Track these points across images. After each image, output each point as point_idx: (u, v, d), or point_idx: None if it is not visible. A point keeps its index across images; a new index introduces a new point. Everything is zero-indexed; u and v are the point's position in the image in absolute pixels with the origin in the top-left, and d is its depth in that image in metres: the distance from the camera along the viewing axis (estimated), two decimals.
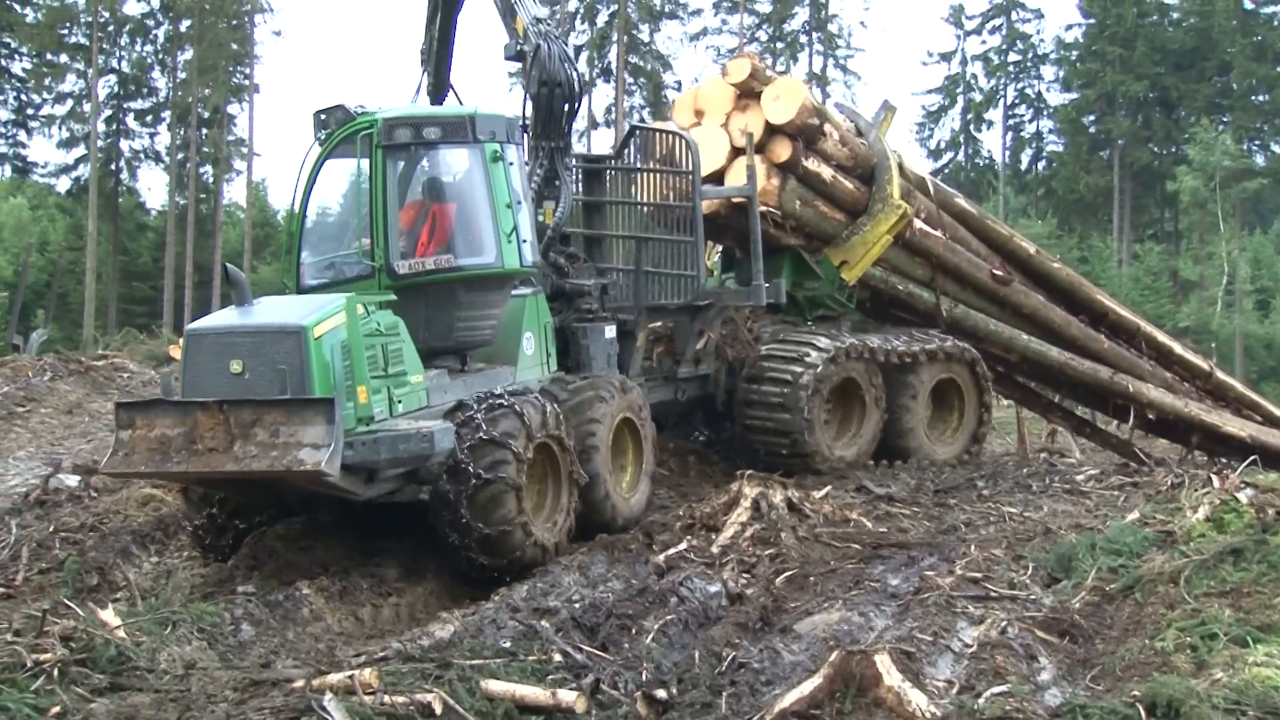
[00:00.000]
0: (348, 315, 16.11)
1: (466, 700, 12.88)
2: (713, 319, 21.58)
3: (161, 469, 15.78)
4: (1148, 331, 27.64)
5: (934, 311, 23.74)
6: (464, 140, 18.26)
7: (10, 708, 12.82)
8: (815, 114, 22.24)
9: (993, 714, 12.21)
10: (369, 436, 15.77)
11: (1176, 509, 18.29)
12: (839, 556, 17.98)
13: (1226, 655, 13.34)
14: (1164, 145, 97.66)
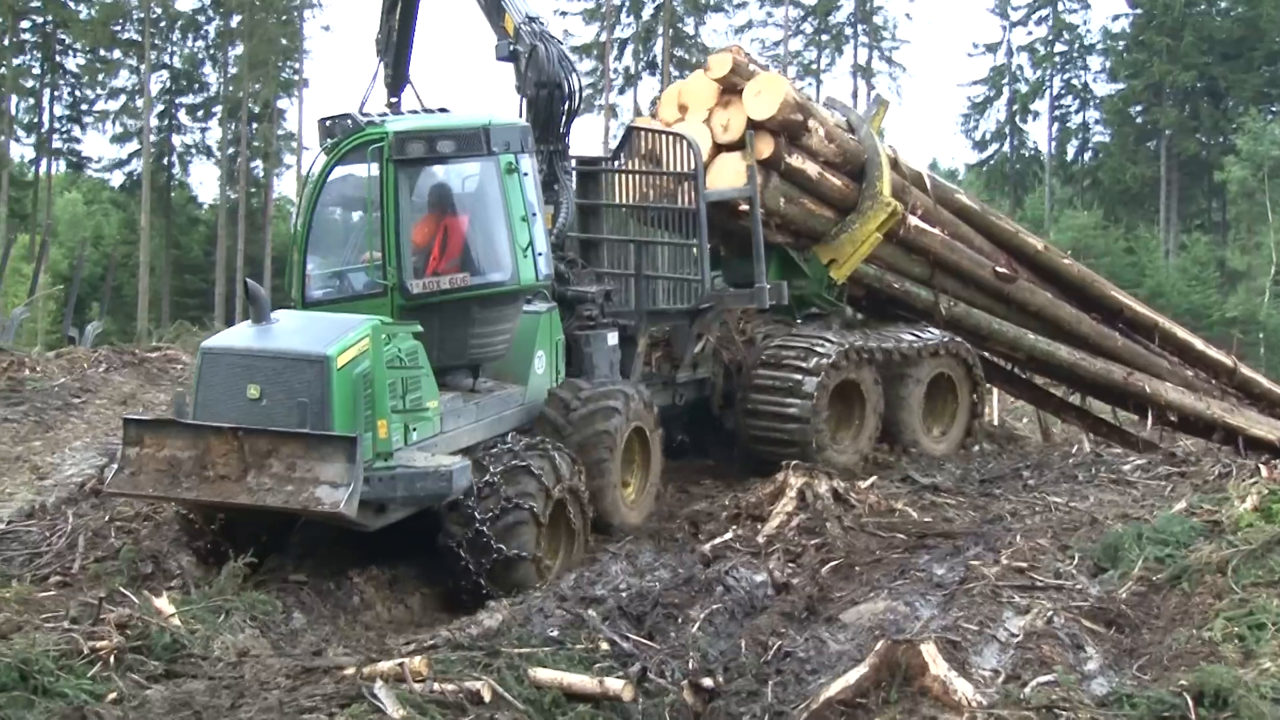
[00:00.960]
0: (372, 342, 15.69)
1: (515, 688, 12.89)
2: (710, 322, 21.43)
3: (169, 492, 15.41)
4: (1166, 328, 27.34)
5: (932, 309, 23.64)
6: (478, 153, 17.88)
7: (68, 694, 12.91)
8: (799, 109, 21.91)
9: (1039, 703, 12.17)
10: (386, 473, 15.41)
11: (1224, 499, 18.21)
12: (884, 546, 17.97)
13: (1275, 645, 13.28)
14: (1211, 135, 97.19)
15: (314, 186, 18.14)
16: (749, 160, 21.30)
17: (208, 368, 15.78)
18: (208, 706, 12.69)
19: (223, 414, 15.21)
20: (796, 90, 22.56)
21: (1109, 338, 25.65)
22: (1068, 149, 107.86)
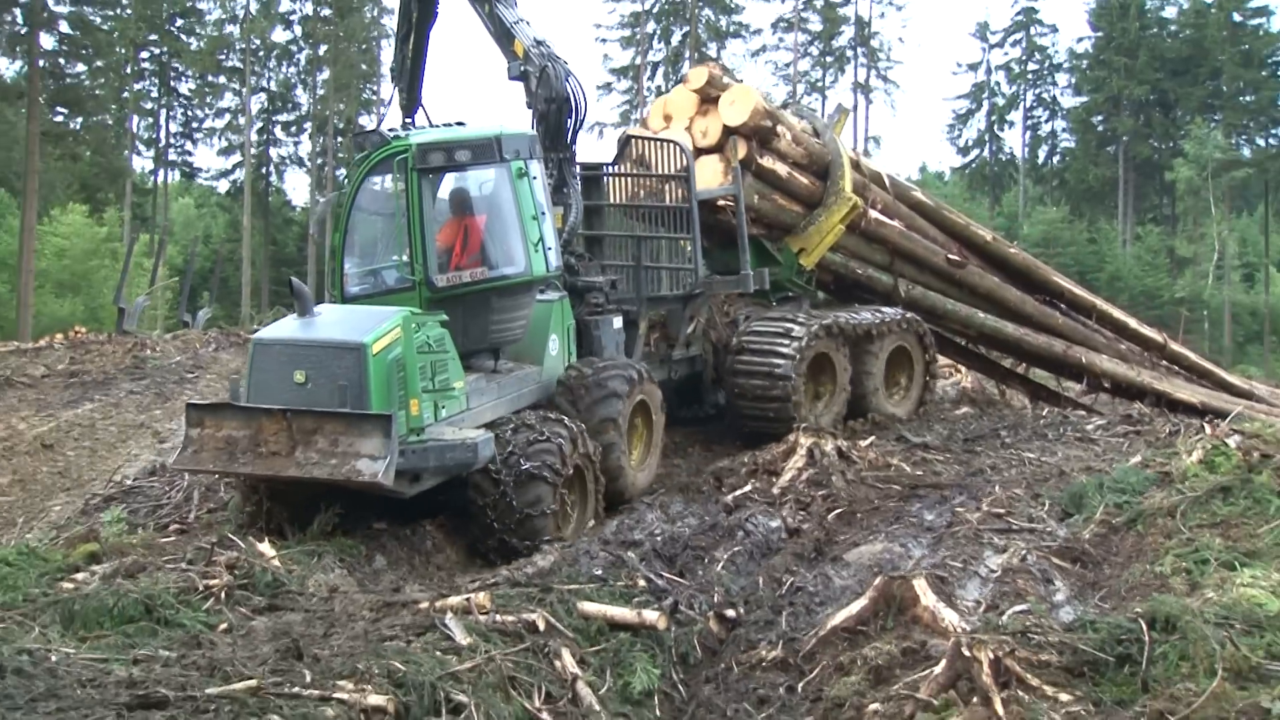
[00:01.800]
0: (403, 331, 15.63)
1: (565, 619, 12.96)
2: (700, 306, 21.22)
3: (227, 468, 15.37)
4: (1103, 308, 27.16)
5: (892, 292, 23.44)
6: (492, 160, 17.72)
7: (186, 624, 13.02)
8: (768, 116, 21.71)
9: (1015, 629, 12.17)
10: (419, 446, 15.36)
11: (1173, 453, 18.27)
12: (882, 496, 17.99)
13: (1216, 578, 13.32)
14: (1163, 141, 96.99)
15: (349, 194, 18.13)
16: (733, 163, 21.18)
17: (259, 356, 15.70)
18: (304, 635, 12.74)
19: (273, 397, 15.17)
20: (766, 99, 22.42)
21: (1050, 316, 25.56)
22: (1039, 153, 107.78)
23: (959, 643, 11.63)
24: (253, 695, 9.72)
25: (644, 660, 12.80)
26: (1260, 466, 16.50)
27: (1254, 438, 18.51)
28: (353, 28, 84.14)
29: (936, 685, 11.25)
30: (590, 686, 11.98)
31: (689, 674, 13.06)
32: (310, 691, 10.01)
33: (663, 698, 12.56)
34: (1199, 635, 11.38)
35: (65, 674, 11.12)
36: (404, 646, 11.64)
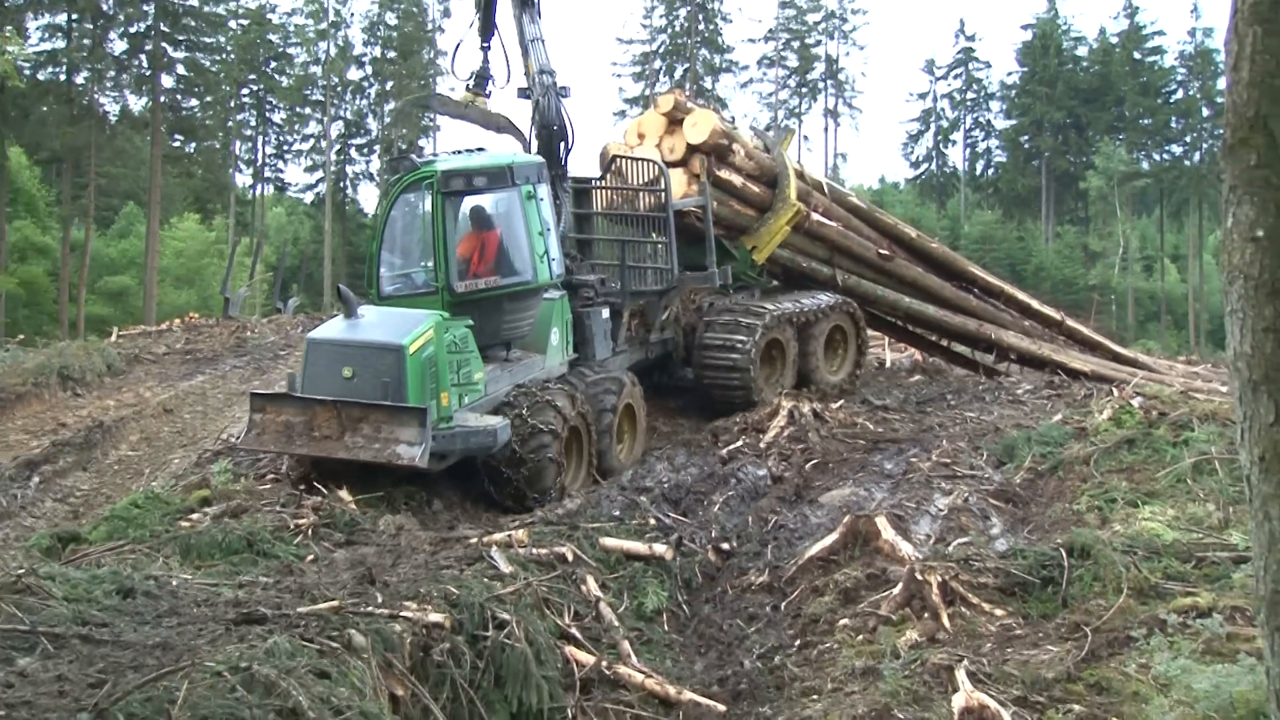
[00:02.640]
0: (435, 333, 15.48)
1: (589, 551, 13.04)
2: (673, 297, 20.75)
3: (285, 448, 15.31)
4: (1009, 292, 26.81)
5: (831, 281, 23.15)
6: (505, 185, 17.46)
7: (280, 555, 13.06)
8: (725, 136, 21.35)
9: (958, 557, 12.18)
10: (448, 431, 15.27)
11: (1088, 412, 18.30)
12: (849, 449, 18.03)
13: (1123, 514, 13.39)
14: (1077, 156, 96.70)
15: (384, 210, 17.95)
16: (703, 179, 20.94)
17: (312, 353, 15.69)
18: (376, 564, 12.74)
19: (324, 389, 15.12)
20: (722, 121, 22.11)
21: (965, 299, 25.32)
22: (976, 167, 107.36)
23: (913, 569, 11.65)
24: (335, 613, 9.73)
25: (654, 585, 12.88)
26: (1158, 423, 16.62)
27: (1153, 399, 18.60)
28: (413, 67, 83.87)
29: (895, 603, 11.30)
30: (610, 606, 12.03)
31: (691, 596, 13.15)
32: (381, 610, 10.02)
33: (670, 615, 12.64)
34: (1108, 561, 11.44)
35: (184, 595, 11.13)
36: (458, 574, 11.67)
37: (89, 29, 65.40)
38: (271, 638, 8.76)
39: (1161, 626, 10.17)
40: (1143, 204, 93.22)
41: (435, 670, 9.78)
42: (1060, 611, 11.00)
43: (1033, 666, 9.94)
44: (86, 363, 25.45)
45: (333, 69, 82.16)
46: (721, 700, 10.64)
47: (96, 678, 8.28)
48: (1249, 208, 4.12)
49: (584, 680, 10.68)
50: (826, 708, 9.50)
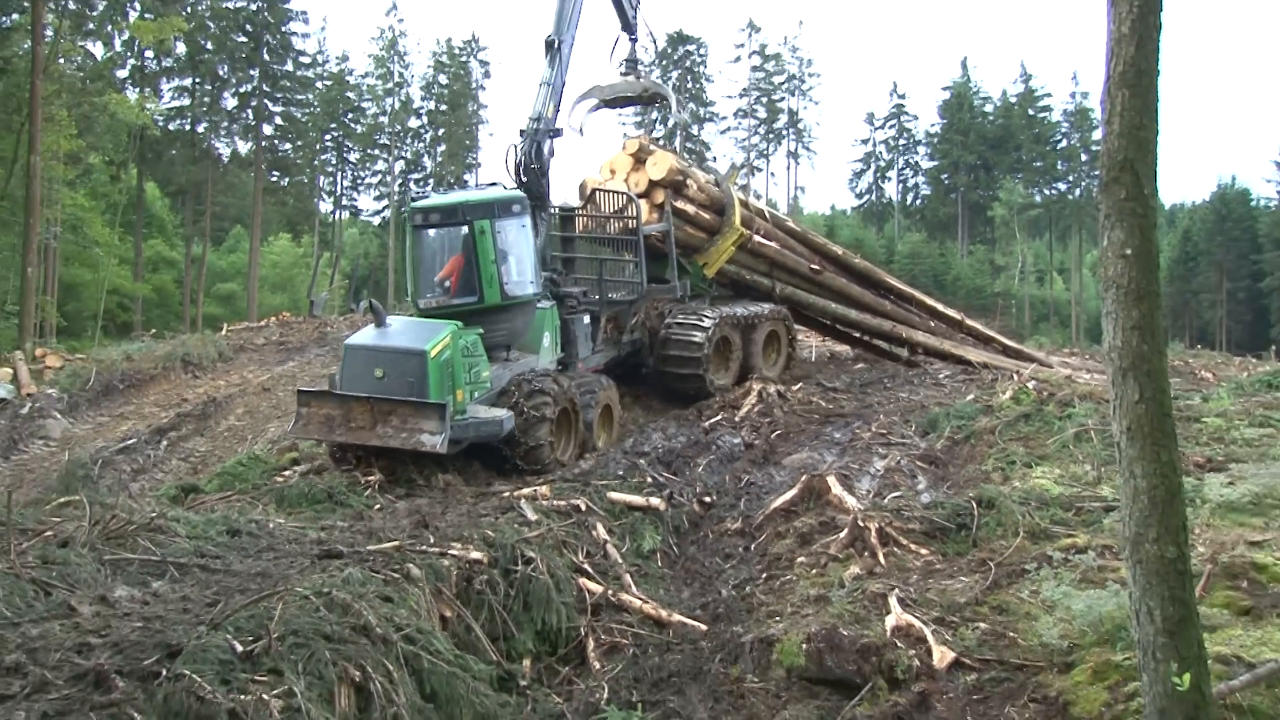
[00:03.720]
0: (451, 339, 15.11)
1: (599, 503, 13.04)
2: (641, 305, 20.12)
3: (327, 437, 14.88)
4: (919, 298, 26.41)
5: (771, 292, 22.84)
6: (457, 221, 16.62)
7: (353, 505, 13.16)
8: (680, 173, 20.85)
9: (892, 507, 12.17)
10: (463, 422, 14.86)
11: (993, 392, 18.31)
12: (807, 422, 18.00)
13: (1020, 473, 13.42)
14: (985, 190, 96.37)
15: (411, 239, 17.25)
16: (665, 207, 20.48)
17: (349, 357, 15.29)
18: (429, 512, 12.75)
19: (359, 387, 14.76)
20: (679, 160, 21.66)
21: (882, 304, 24.98)
22: (907, 198, 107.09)
23: (856, 517, 11.66)
24: (396, 551, 9.76)
25: (650, 530, 12.90)
26: (1048, 401, 16.64)
27: (1045, 382, 18.59)
28: (460, 118, 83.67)
29: (841, 544, 11.30)
30: (615, 547, 12.05)
31: (680, 539, 13.14)
32: (433, 549, 10.04)
33: (662, 554, 12.64)
34: (1008, 510, 11.47)
35: (278, 535, 11.16)
36: (494, 520, 11.69)
37: (208, 89, 65.89)
38: (347, 569, 8.80)
39: (1049, 561, 10.18)
40: (1036, 229, 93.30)
41: (476, 596, 9.81)
42: (970, 550, 11.02)
43: (949, 593, 9.96)
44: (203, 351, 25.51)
45: (396, 119, 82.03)
46: (703, 621, 10.67)
47: (212, 598, 8.34)
48: (1120, 231, 4.14)
49: (594, 605, 10.73)
50: (787, 627, 9.50)
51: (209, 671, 6.32)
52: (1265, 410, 15.36)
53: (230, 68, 66.60)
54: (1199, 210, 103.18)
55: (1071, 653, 8.45)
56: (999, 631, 9.08)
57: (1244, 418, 14.92)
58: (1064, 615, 8.85)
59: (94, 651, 6.99)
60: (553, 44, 18.52)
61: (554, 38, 18.48)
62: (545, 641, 10.18)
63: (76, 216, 49.41)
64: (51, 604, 8.00)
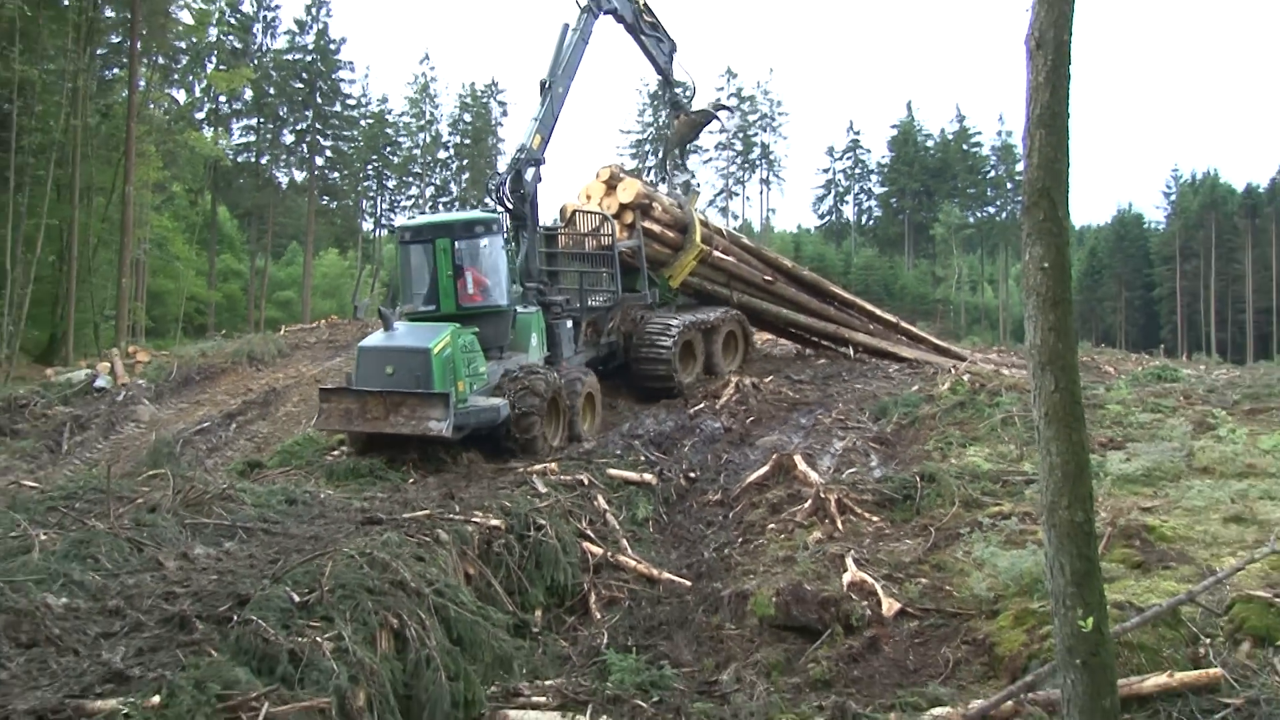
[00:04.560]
0: (451, 338, 14.65)
1: (599, 478, 13.05)
2: (616, 312, 19.67)
3: (347, 427, 14.40)
4: (861, 304, 26.02)
5: (729, 300, 22.24)
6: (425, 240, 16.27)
7: (391, 479, 13.18)
8: (646, 197, 20.43)
9: (849, 481, 12.19)
10: (465, 410, 14.34)
11: (935, 384, 18.29)
12: (777, 409, 17.92)
13: (956, 452, 13.42)
14: (928, 213, 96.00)
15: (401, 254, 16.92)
16: (636, 227, 20.14)
17: (363, 357, 14.88)
18: (455, 485, 12.80)
19: (372, 383, 14.33)
20: (646, 185, 21.22)
21: (827, 310, 24.53)
22: (862, 218, 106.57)
23: (818, 490, 11.68)
24: (427, 518, 9.76)
25: (643, 501, 12.91)
26: (980, 391, 16.60)
27: (977, 375, 18.56)
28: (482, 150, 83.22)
29: (805, 513, 11.31)
30: (613, 516, 12.06)
31: (669, 509, 13.12)
32: (458, 516, 10.05)
33: (654, 522, 12.64)
34: (946, 483, 11.47)
35: (328, 503, 11.17)
36: (510, 493, 11.70)
37: (270, 127, 66.02)
38: (386, 533, 8.81)
39: (979, 526, 10.21)
40: (970, 245, 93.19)
41: (494, 557, 9.84)
42: (914, 518, 11.03)
43: (896, 554, 9.99)
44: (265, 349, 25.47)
45: (427, 151, 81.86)
46: (689, 578, 10.69)
47: (273, 556, 8.40)
48: (1039, 248, 4.16)
49: (596, 565, 10.77)
50: (760, 582, 9.52)
51: (272, 617, 6.37)
52: (1155, 398, 15.45)
53: (289, 109, 66.79)
54: (1102, 231, 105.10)
55: (997, 602, 8.50)
56: (937, 585, 9.13)
57: (1139, 405, 15.00)
58: (991, 571, 8.90)
59: (178, 599, 7.15)
60: (545, 86, 18.03)
61: (547, 80, 18.01)
62: (554, 595, 10.21)
63: (162, 236, 50.22)
64: (143, 559, 8.15)
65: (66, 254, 38.84)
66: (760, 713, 6.94)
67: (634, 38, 20.40)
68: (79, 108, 37.61)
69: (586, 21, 18.59)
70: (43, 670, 5.98)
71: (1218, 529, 9.58)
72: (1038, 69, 4.13)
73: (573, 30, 18.29)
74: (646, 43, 20.54)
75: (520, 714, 7.10)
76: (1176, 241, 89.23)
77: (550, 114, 17.91)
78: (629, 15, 19.83)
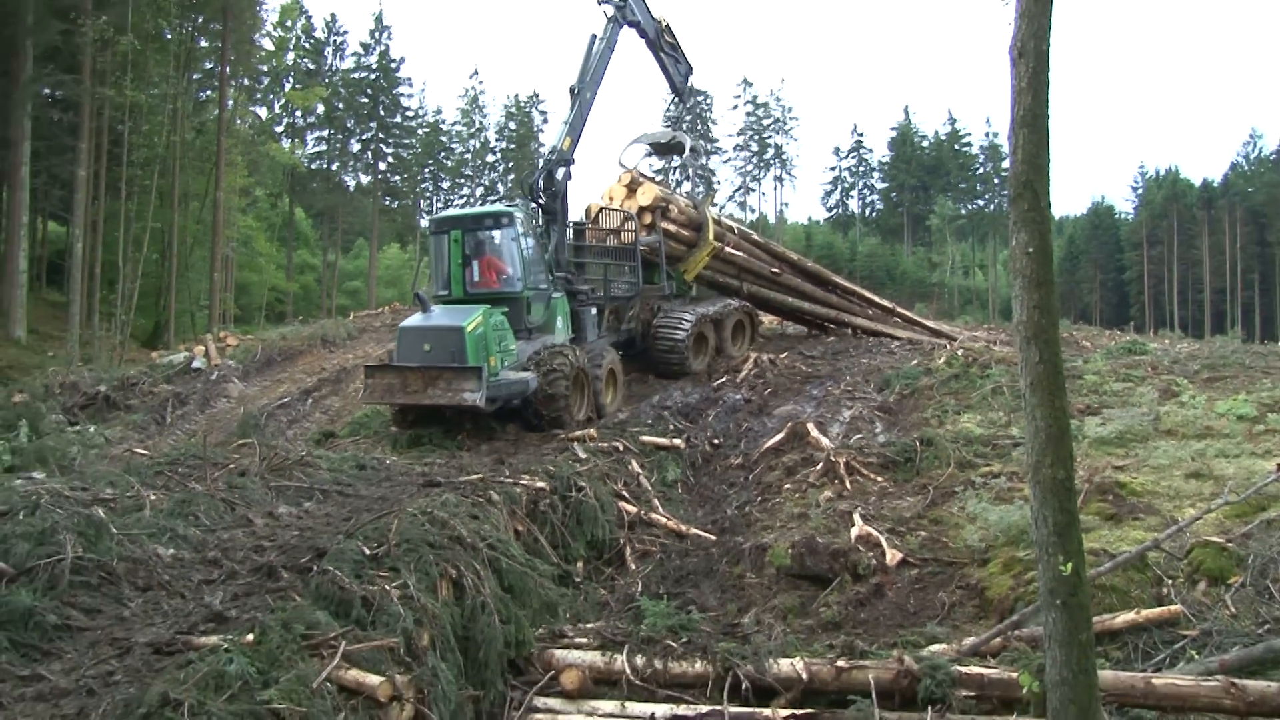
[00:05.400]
0: (483, 318, 14.15)
1: (634, 444, 13.02)
2: (636, 301, 19.11)
3: (390, 400, 14.01)
4: (860, 292, 25.25)
5: (739, 291, 21.63)
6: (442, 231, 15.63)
7: (448, 447, 13.31)
8: (663, 199, 19.84)
9: (856, 446, 12.17)
10: (497, 382, 13.86)
11: (932, 358, 18.14)
12: (791, 382, 17.75)
13: (951, 419, 13.34)
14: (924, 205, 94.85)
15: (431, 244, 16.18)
16: (657, 226, 19.57)
17: (403, 336, 14.45)
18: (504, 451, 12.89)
19: (412, 359, 13.97)
20: (662, 189, 20.48)
21: (829, 298, 23.83)
22: (866, 211, 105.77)
23: (829, 454, 11.67)
24: (481, 481, 9.81)
25: (673, 464, 12.91)
26: (973, 365, 16.47)
27: (970, 350, 18.43)
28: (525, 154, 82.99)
29: (817, 474, 11.29)
30: (646, 478, 12.06)
31: (696, 471, 13.11)
32: (508, 479, 10.10)
33: (682, 483, 12.63)
34: (943, 447, 11.43)
35: (393, 468, 11.26)
36: (554, 458, 11.72)
37: (339, 137, 66.77)
38: (444, 494, 8.86)
39: (972, 485, 10.17)
40: (962, 234, 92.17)
41: (540, 515, 9.87)
42: (915, 478, 10.99)
43: (898, 510, 9.97)
44: (336, 332, 25.57)
45: (477, 156, 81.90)
46: (713, 533, 10.71)
47: (346, 515, 8.51)
48: (1024, 235, 4.13)
49: (630, 522, 10.78)
50: (777, 536, 9.54)
51: (346, 568, 6.45)
52: (1127, 369, 15.35)
53: (356, 121, 67.23)
54: (1078, 221, 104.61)
55: (988, 551, 8.50)
56: (935, 537, 9.12)
57: (1112, 375, 14.89)
58: (983, 524, 8.88)
59: (266, 551, 7.33)
60: (575, 91, 17.67)
61: (577, 87, 17.65)
62: (593, 549, 10.25)
63: (247, 234, 50.96)
64: (236, 517, 8.33)
65: (168, 252, 39.81)
66: (777, 651, 6.96)
67: (653, 54, 20.08)
68: (178, 125, 38.61)
69: (612, 31, 18.29)
70: (156, 610, 6.26)
71: (1180, 484, 9.58)
72: (1020, 76, 4.09)
73: (600, 39, 17.99)
74: (665, 61, 20.23)
75: (565, 653, 7.16)
76: (1144, 230, 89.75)
77: (579, 117, 17.55)
78: (651, 32, 19.52)
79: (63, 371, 22.09)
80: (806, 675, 6.63)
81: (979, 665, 6.47)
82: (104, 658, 5.42)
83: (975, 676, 6.32)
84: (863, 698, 6.32)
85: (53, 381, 20.75)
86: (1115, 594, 7.29)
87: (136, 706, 4.61)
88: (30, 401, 18.76)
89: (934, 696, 6.24)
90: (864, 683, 6.43)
